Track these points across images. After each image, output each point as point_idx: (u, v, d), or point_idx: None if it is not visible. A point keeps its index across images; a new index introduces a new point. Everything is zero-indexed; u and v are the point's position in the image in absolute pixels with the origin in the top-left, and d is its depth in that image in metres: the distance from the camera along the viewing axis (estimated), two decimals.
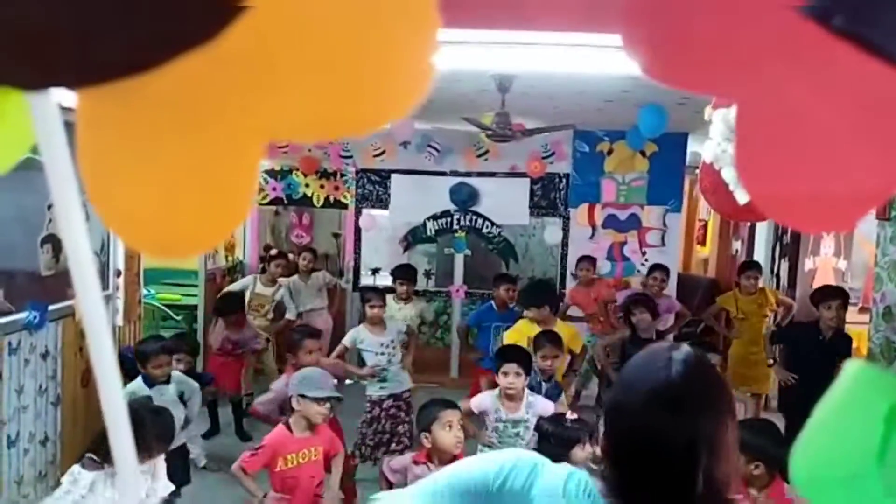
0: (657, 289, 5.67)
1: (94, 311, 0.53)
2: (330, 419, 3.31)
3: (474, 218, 6.81)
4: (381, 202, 6.90)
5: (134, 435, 0.60)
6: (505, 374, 3.44)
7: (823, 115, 0.54)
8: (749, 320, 5.53)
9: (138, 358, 3.94)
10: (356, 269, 7.11)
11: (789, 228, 5.98)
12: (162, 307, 6.95)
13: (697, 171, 7.39)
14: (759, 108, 0.55)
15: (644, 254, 6.49)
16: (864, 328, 5.27)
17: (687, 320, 6.09)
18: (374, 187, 6.88)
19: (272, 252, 7.00)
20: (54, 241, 3.95)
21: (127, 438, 0.57)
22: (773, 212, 0.59)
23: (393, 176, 6.81)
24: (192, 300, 6.85)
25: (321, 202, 7.09)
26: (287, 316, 6.16)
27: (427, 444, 2.89)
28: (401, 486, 2.89)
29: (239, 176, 0.48)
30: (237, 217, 0.51)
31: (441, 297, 7.19)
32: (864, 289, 6.52)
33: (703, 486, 1.01)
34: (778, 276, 6.60)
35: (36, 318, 3.82)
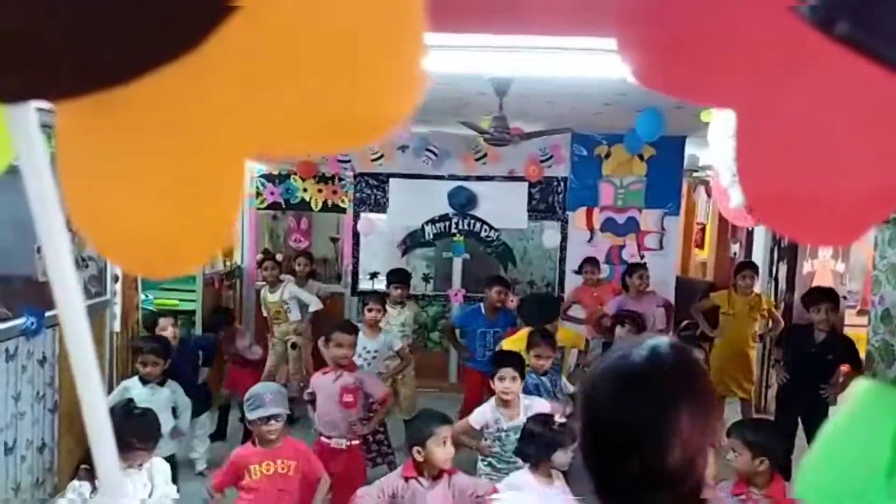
0: (643, 286, 5.68)
1: (75, 323, 0.52)
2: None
3: (473, 222, 6.80)
4: (380, 206, 6.89)
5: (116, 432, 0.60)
6: (501, 379, 3.45)
7: (824, 123, 0.54)
8: (736, 318, 5.53)
9: (133, 354, 4.17)
10: (354, 274, 7.09)
11: None
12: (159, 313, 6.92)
13: (696, 175, 7.39)
14: (759, 116, 0.54)
15: (642, 257, 6.48)
16: (863, 331, 5.27)
17: (685, 322, 6.09)
18: (373, 191, 6.87)
19: (258, 257, 6.95)
20: None
21: (111, 447, 0.56)
22: (777, 222, 0.58)
23: (391, 180, 6.80)
24: (189, 305, 6.82)
25: (319, 206, 7.08)
26: (310, 308, 6.00)
27: (419, 458, 2.86)
28: None
29: (223, 191, 0.47)
30: (222, 235, 0.50)
31: (439, 301, 7.17)
32: (862, 291, 6.53)
33: (652, 472, 1.00)
34: (776, 280, 6.60)
35: (33, 324, 3.80)
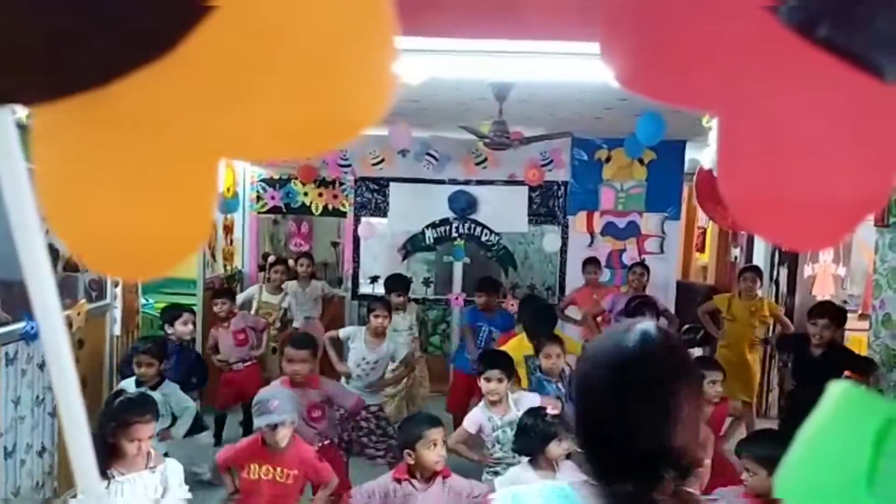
0: (637, 284, 5.68)
1: (53, 332, 0.52)
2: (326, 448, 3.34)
3: (473, 226, 6.79)
4: (380, 210, 6.89)
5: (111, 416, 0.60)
6: (487, 380, 3.47)
7: (806, 127, 0.54)
8: (736, 324, 5.52)
9: (130, 356, 4.17)
10: (355, 278, 7.09)
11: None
12: (160, 316, 6.93)
13: (695, 179, 7.40)
14: (742, 121, 0.54)
15: (643, 261, 6.47)
16: (864, 335, 5.27)
17: (687, 326, 6.08)
18: (373, 195, 6.88)
19: (271, 259, 6.99)
20: (51, 250, 3.94)
21: (89, 454, 0.57)
22: (758, 227, 0.58)
23: (391, 184, 6.80)
24: None
25: (320, 210, 7.09)
26: (294, 324, 6.13)
27: (410, 461, 2.86)
28: None
29: (198, 194, 0.47)
30: (198, 236, 0.50)
31: (440, 305, 7.17)
32: (863, 295, 6.51)
33: (654, 454, 1.02)
34: (777, 283, 6.59)
35: (33, 328, 3.80)
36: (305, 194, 7.04)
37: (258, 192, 7.06)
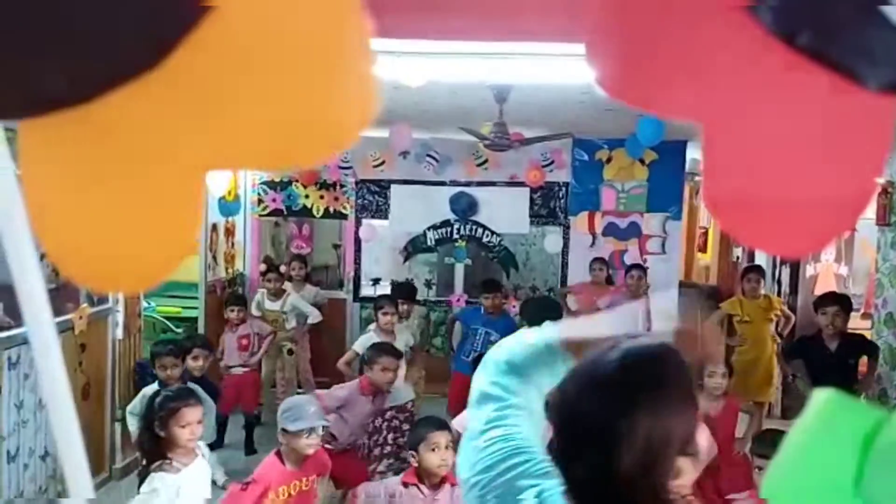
0: (634, 285, 5.67)
1: (44, 338, 0.52)
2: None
3: (474, 227, 6.80)
4: (381, 212, 6.90)
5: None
6: None
7: (787, 134, 0.54)
8: (754, 324, 5.49)
9: (151, 360, 4.23)
10: (356, 280, 7.10)
11: None
12: (162, 320, 6.96)
13: (697, 179, 7.39)
14: (722, 128, 0.54)
15: (644, 261, 6.47)
16: (867, 333, 5.25)
17: None
18: (374, 198, 6.89)
19: (261, 268, 6.93)
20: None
21: (82, 460, 0.57)
22: (739, 232, 0.58)
23: (392, 186, 6.81)
24: (192, 312, 6.84)
25: (321, 213, 7.09)
26: (310, 320, 6.09)
27: (414, 463, 2.87)
28: None
29: (183, 207, 0.48)
30: (182, 250, 0.51)
31: (442, 306, 7.17)
32: (865, 295, 6.50)
33: (602, 474, 0.97)
34: (779, 283, 6.58)
35: None
36: (307, 197, 7.05)
37: (259, 194, 7.07)
